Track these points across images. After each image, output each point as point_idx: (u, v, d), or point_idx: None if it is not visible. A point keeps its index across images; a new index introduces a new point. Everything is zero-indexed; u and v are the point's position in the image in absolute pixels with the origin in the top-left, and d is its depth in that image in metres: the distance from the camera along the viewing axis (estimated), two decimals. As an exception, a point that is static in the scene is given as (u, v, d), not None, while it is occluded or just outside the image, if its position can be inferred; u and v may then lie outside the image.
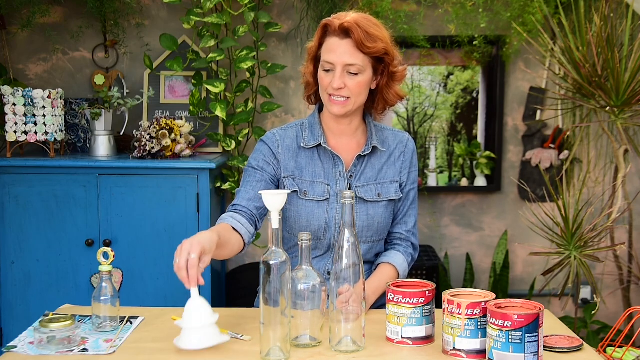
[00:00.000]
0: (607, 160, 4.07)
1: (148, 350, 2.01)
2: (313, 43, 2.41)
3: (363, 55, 2.31)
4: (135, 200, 3.60)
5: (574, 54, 3.37)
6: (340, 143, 2.48)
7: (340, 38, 2.30)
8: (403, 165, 2.51)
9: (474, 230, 4.29)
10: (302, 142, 2.45)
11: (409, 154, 2.52)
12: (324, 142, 2.43)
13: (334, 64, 2.31)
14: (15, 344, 2.05)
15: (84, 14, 4.00)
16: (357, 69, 2.31)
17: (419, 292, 2.03)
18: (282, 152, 2.46)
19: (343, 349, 1.98)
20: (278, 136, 2.48)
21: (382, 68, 2.38)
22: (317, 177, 2.43)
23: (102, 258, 2.17)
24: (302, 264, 2.02)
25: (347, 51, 2.30)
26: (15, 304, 3.64)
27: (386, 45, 2.34)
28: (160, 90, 4.03)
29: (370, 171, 2.46)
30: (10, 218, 3.61)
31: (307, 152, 2.46)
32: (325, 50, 2.34)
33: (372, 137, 2.46)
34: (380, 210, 2.45)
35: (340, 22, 2.29)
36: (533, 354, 1.82)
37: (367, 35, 2.28)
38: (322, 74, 2.35)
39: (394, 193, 2.47)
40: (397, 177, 2.49)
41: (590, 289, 4.23)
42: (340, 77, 2.30)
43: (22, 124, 3.63)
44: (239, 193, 2.44)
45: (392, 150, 2.50)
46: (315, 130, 2.46)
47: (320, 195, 2.41)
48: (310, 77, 2.46)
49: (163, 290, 3.61)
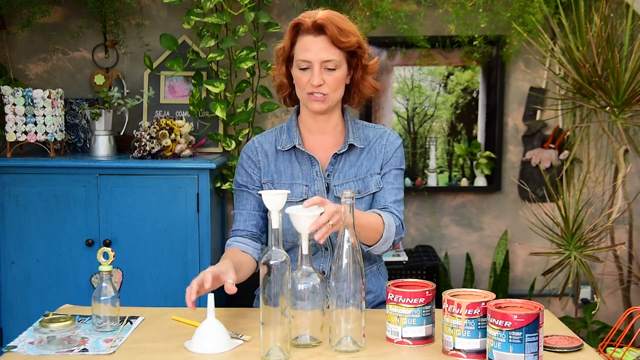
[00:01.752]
0: (607, 160, 4.07)
1: (148, 350, 2.01)
2: (283, 44, 2.43)
3: (338, 50, 2.34)
4: (135, 200, 3.60)
5: (574, 54, 3.37)
6: (318, 142, 2.50)
7: (315, 35, 2.33)
8: (385, 157, 2.50)
9: (474, 230, 4.29)
10: (279, 145, 2.48)
11: (390, 147, 2.51)
12: (298, 143, 2.45)
13: (311, 61, 2.33)
14: (15, 344, 2.05)
15: (84, 14, 4.00)
16: (334, 64, 2.34)
17: (419, 292, 2.03)
18: (261, 158, 2.50)
19: (343, 349, 1.98)
20: (257, 143, 2.53)
21: (355, 62, 2.42)
22: (295, 179, 2.45)
23: (102, 258, 2.17)
24: (302, 264, 2.02)
25: (323, 47, 2.33)
26: (15, 304, 3.64)
27: (358, 39, 2.38)
28: (160, 90, 4.03)
29: (349, 169, 2.47)
30: (10, 218, 3.61)
31: (284, 154, 2.49)
32: (300, 49, 2.36)
33: (348, 134, 2.47)
34: (362, 206, 2.46)
35: (312, 19, 2.32)
36: (533, 354, 1.82)
37: (340, 30, 2.32)
38: (299, 73, 2.37)
39: (374, 186, 2.47)
40: (377, 169, 2.49)
41: (590, 289, 4.23)
42: (319, 74, 2.33)
43: (22, 124, 3.63)
44: (235, 216, 2.52)
45: (373, 145, 2.51)
46: (291, 132, 2.48)
47: (298, 197, 2.43)
48: (284, 78, 2.48)
49: (163, 290, 3.61)
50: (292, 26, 2.38)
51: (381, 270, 2.63)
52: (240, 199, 2.53)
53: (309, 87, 2.35)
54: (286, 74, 2.47)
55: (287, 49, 2.41)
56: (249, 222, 2.48)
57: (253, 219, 2.48)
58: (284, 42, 2.42)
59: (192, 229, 3.59)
